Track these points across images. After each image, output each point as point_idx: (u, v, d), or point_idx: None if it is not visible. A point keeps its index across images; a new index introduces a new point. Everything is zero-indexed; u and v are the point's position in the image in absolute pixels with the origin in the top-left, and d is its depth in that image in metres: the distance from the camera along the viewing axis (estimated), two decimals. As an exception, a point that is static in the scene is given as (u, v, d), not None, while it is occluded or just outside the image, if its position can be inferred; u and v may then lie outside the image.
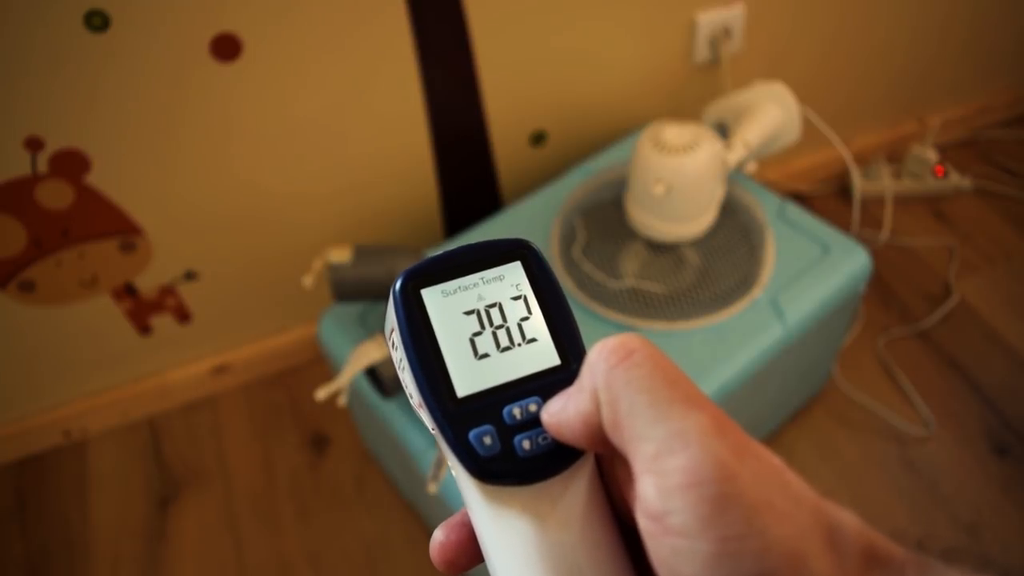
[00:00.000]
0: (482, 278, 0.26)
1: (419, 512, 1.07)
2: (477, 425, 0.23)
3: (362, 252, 0.86)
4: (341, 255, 0.85)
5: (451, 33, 0.99)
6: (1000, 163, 1.54)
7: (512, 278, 0.26)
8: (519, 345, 0.25)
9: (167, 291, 1.10)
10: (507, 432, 0.23)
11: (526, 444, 0.23)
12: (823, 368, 1.14)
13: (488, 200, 1.22)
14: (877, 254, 1.33)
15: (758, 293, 0.90)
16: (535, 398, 0.24)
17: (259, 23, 0.88)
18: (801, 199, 1.48)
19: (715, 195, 0.90)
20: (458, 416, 0.23)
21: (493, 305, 0.25)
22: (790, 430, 1.14)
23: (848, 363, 1.22)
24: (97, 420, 1.20)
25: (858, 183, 1.40)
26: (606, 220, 0.97)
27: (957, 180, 1.46)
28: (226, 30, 0.87)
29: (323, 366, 1.23)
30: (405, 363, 0.25)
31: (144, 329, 1.13)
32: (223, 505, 1.12)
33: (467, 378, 0.24)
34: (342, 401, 0.81)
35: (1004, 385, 1.19)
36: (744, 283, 0.91)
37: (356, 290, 0.86)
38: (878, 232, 1.38)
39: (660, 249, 0.94)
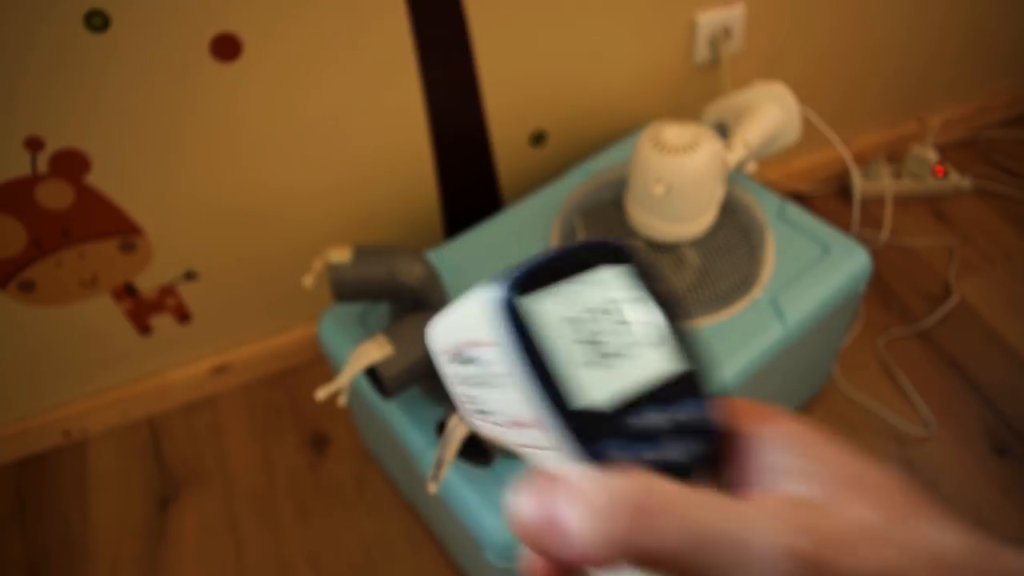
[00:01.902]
0: (586, 283, 0.24)
1: (419, 512, 1.06)
2: (600, 438, 0.22)
3: (362, 252, 0.86)
4: (341, 255, 0.85)
5: (451, 33, 0.99)
6: (1000, 163, 1.54)
7: (619, 282, 0.24)
8: (633, 353, 0.23)
9: (167, 291, 1.10)
10: (631, 444, 0.22)
11: (650, 456, 0.22)
12: (823, 368, 1.14)
13: (488, 200, 1.22)
14: (877, 254, 1.33)
15: (758, 293, 0.90)
16: (660, 406, 0.23)
17: (259, 23, 0.88)
18: (801, 199, 1.48)
19: (715, 195, 0.90)
20: (579, 430, 0.22)
21: (602, 311, 0.23)
22: (790, 430, 1.14)
23: (848, 363, 1.22)
24: (97, 420, 1.20)
25: (858, 183, 1.40)
26: (606, 220, 0.97)
27: (957, 180, 1.46)
28: (226, 30, 0.87)
29: (323, 366, 1.23)
30: (507, 379, 0.23)
31: (144, 329, 1.14)
32: (223, 505, 1.12)
33: (584, 389, 0.22)
34: (342, 401, 0.81)
35: (1004, 385, 1.19)
36: (744, 283, 0.91)
37: (356, 290, 0.86)
38: (878, 232, 1.38)
39: (660, 249, 0.94)
